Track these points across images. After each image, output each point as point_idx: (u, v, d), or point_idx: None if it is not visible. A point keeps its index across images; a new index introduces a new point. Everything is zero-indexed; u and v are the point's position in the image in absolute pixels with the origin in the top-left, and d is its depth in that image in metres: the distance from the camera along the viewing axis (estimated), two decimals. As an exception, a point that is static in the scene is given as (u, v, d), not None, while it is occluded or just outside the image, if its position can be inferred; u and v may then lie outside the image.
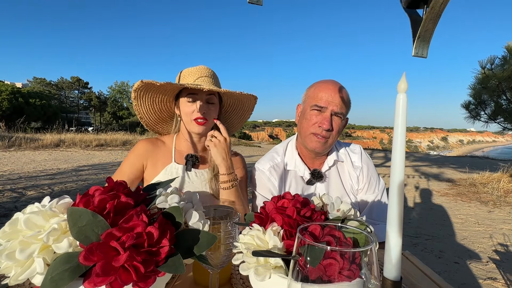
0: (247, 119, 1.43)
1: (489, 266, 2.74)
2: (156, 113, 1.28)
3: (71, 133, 14.47)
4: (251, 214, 0.70)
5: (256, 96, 1.26)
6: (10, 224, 0.47)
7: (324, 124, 1.15)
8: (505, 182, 6.15)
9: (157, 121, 1.33)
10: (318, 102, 1.18)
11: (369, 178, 1.29)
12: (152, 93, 1.19)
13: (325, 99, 1.17)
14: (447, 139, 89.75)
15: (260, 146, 20.18)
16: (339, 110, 1.16)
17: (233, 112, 1.38)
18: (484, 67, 6.37)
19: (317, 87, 1.22)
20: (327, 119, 1.16)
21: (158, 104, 1.25)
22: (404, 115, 0.41)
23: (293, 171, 1.29)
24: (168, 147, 1.26)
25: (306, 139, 1.22)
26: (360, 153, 1.34)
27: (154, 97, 1.21)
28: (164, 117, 1.33)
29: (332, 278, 0.34)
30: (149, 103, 1.23)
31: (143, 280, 0.43)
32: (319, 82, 1.24)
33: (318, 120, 1.18)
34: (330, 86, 1.19)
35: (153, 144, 1.24)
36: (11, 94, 22.41)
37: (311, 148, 1.22)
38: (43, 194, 4.63)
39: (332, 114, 1.16)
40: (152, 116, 1.28)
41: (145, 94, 1.18)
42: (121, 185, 0.55)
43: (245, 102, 1.33)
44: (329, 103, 1.16)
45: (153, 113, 1.28)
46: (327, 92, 1.17)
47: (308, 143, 1.22)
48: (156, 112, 1.28)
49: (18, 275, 0.43)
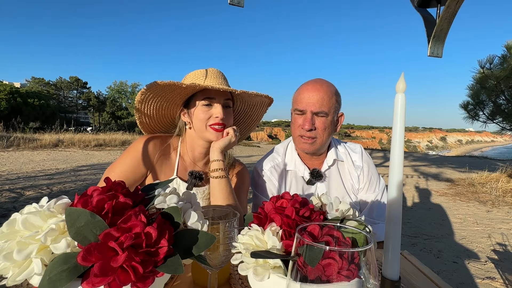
0: (253, 129, 1.38)
1: (487, 265, 2.75)
2: (159, 118, 1.18)
3: (70, 133, 14.43)
4: (250, 214, 0.70)
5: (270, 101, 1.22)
6: (8, 224, 0.47)
7: (306, 125, 1.17)
8: (504, 182, 6.17)
9: (157, 127, 1.23)
10: (298, 105, 1.21)
11: (370, 177, 1.29)
12: (161, 96, 1.07)
13: (304, 101, 1.19)
14: (445, 139, 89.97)
15: (259, 146, 20.18)
16: (318, 109, 1.17)
17: (240, 121, 1.33)
18: (484, 66, 6.38)
19: (298, 90, 1.24)
20: (307, 120, 1.18)
21: (164, 109, 1.14)
22: (403, 115, 0.41)
23: (293, 171, 1.29)
24: (173, 156, 1.16)
25: (295, 142, 1.27)
26: (361, 152, 1.35)
27: (161, 101, 1.10)
28: (165, 123, 1.23)
29: (331, 278, 0.34)
30: (154, 107, 1.12)
31: (142, 280, 0.43)
32: (302, 85, 1.26)
33: (301, 122, 1.21)
34: (310, 87, 1.20)
35: (160, 147, 1.12)
36: (9, 94, 22.35)
37: (300, 149, 1.26)
38: (41, 194, 4.62)
39: (313, 114, 1.18)
40: (153, 121, 1.18)
41: (154, 97, 1.06)
42: (119, 185, 0.55)
43: (255, 111, 1.29)
44: (307, 105, 1.18)
45: (156, 119, 1.17)
46: (305, 94, 1.19)
47: (297, 145, 1.26)
48: (160, 117, 1.18)
49: (16, 275, 0.43)
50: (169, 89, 1.03)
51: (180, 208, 0.55)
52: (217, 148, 1.07)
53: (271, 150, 1.38)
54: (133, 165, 1.06)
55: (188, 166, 1.17)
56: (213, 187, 1.04)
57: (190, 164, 1.18)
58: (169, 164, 1.15)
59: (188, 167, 1.16)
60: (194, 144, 1.16)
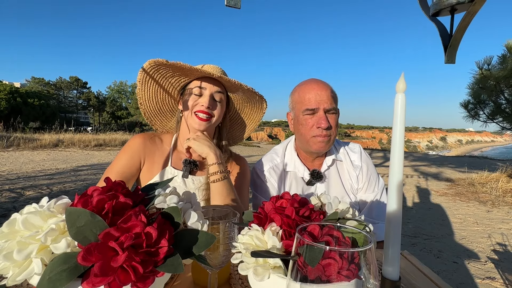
0: (251, 132, 1.37)
1: (487, 265, 2.75)
2: (158, 103, 1.21)
3: (70, 133, 14.45)
4: (249, 214, 0.70)
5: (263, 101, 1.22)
6: (8, 224, 0.47)
7: (322, 124, 1.13)
8: (504, 182, 6.17)
9: (156, 113, 1.25)
10: (308, 105, 1.16)
11: (369, 177, 1.29)
12: (160, 78, 1.11)
13: (314, 99, 1.15)
14: (445, 139, 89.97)
15: (259, 146, 20.18)
16: (331, 106, 1.15)
17: (236, 123, 1.33)
18: (481, 67, 6.38)
19: (301, 90, 1.20)
20: (323, 118, 1.14)
21: (162, 94, 1.18)
22: (403, 115, 0.41)
23: (293, 172, 1.28)
24: (166, 147, 1.19)
25: (309, 143, 1.20)
26: (360, 152, 1.34)
27: (160, 84, 1.14)
28: (164, 111, 1.25)
29: (331, 278, 0.34)
30: (153, 89, 1.15)
31: (142, 280, 0.43)
32: (301, 85, 1.23)
33: (314, 121, 1.16)
34: (314, 85, 1.17)
35: (151, 141, 1.16)
36: (9, 94, 22.36)
37: (316, 150, 1.20)
38: (41, 194, 4.62)
39: (325, 112, 1.16)
40: (152, 105, 1.20)
41: (151, 78, 1.10)
42: (119, 185, 0.55)
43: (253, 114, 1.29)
44: (319, 102, 1.14)
45: (155, 103, 1.20)
46: (313, 92, 1.16)
47: (312, 146, 1.19)
48: (158, 102, 1.20)
49: (16, 275, 0.43)
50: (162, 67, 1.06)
51: (180, 208, 0.55)
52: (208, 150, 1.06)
53: (270, 151, 1.37)
54: (127, 160, 1.10)
55: (183, 157, 1.18)
56: (214, 187, 1.04)
57: (184, 156, 1.19)
58: (163, 155, 1.17)
59: (183, 158, 1.17)
60: (186, 135, 1.18)
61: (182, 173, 1.12)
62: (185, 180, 1.13)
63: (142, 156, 1.13)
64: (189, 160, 1.13)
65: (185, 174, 1.12)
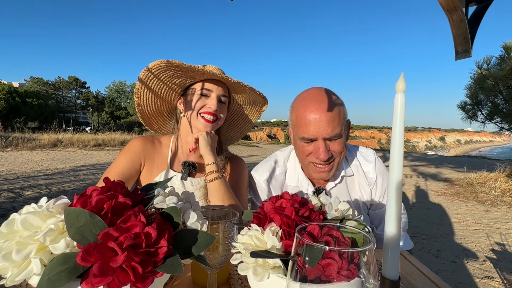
0: (247, 132, 1.38)
1: (486, 265, 2.76)
2: (156, 104, 1.19)
3: (69, 133, 14.41)
4: (249, 214, 0.70)
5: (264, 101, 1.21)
6: (7, 224, 0.47)
7: (320, 155, 0.99)
8: (502, 181, 6.18)
9: (155, 114, 1.23)
10: (305, 134, 1.00)
11: (384, 189, 1.16)
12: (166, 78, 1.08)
13: (312, 128, 0.98)
14: (444, 139, 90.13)
15: (259, 146, 20.17)
16: (332, 134, 0.98)
17: (233, 124, 1.33)
18: (481, 67, 6.39)
19: (299, 112, 1.02)
20: (322, 149, 0.98)
21: (163, 94, 1.15)
22: (403, 115, 0.41)
23: (295, 187, 1.16)
24: (165, 150, 1.18)
25: (308, 168, 1.09)
26: (374, 161, 1.20)
27: (161, 85, 1.11)
28: (162, 111, 1.24)
29: (331, 278, 0.34)
30: (155, 89, 1.13)
31: (141, 280, 0.43)
32: (299, 102, 1.05)
33: (311, 150, 1.02)
34: (313, 107, 0.98)
35: (151, 143, 1.16)
36: (8, 93, 22.29)
37: (317, 178, 1.09)
38: (40, 194, 4.61)
39: (325, 140, 1.00)
40: (150, 106, 1.18)
41: (154, 78, 1.07)
42: (118, 185, 0.55)
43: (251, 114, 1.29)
44: (318, 132, 0.97)
45: (153, 104, 1.18)
46: (311, 116, 0.98)
47: (311, 173, 1.09)
48: (157, 102, 1.18)
49: (15, 276, 0.43)
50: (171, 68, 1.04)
51: (180, 208, 0.55)
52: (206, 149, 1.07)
53: (270, 157, 1.27)
54: (127, 162, 1.11)
55: (182, 159, 1.18)
56: (210, 187, 1.05)
57: (183, 158, 1.19)
58: (162, 157, 1.17)
59: (181, 160, 1.18)
60: (187, 136, 1.17)
61: (181, 175, 1.13)
62: (184, 182, 1.13)
63: (142, 158, 1.13)
64: (188, 162, 1.14)
65: (184, 176, 1.12)
